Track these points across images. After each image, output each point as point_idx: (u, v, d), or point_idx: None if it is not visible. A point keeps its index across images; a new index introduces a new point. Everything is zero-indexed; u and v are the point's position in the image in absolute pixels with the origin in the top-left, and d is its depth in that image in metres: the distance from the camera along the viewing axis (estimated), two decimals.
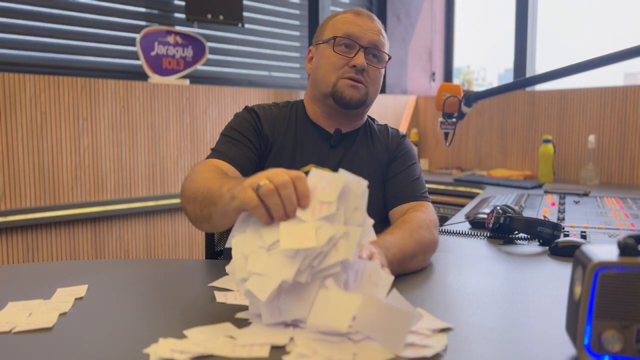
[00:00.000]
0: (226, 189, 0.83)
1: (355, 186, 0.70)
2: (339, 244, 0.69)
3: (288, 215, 0.71)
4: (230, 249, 0.75)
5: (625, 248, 0.60)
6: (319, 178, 0.72)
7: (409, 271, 1.01)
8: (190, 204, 0.97)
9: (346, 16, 1.22)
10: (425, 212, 1.14)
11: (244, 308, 0.79)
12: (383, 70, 1.24)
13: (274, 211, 0.71)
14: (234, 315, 0.75)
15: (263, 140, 1.20)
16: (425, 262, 1.06)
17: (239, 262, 0.71)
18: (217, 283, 0.92)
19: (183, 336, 0.68)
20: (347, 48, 1.19)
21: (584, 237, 1.30)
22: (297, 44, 3.06)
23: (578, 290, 0.62)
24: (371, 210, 0.82)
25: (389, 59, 1.24)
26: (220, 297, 0.84)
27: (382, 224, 1.25)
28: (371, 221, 0.72)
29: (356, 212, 0.70)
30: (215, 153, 1.16)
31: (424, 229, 1.06)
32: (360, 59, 1.18)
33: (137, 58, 2.39)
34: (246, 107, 1.25)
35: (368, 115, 1.34)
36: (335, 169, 1.18)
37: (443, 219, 1.92)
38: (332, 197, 0.70)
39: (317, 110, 1.26)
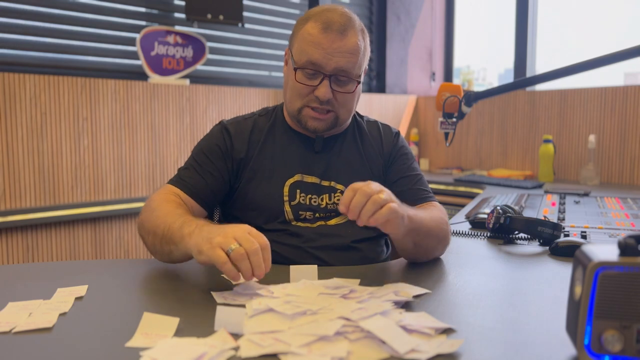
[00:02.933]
0: (187, 233, 0.89)
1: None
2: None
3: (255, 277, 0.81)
4: None
5: (625, 248, 0.60)
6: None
7: (421, 251, 1.03)
8: (150, 237, 1.00)
9: (313, 32, 1.09)
10: (439, 209, 1.15)
11: (241, 307, 0.78)
12: (357, 89, 1.15)
13: (245, 275, 0.81)
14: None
15: (235, 162, 1.17)
16: (437, 247, 1.07)
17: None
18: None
19: (183, 336, 0.68)
20: (311, 75, 1.10)
21: (584, 237, 1.30)
22: None
23: (578, 290, 0.62)
24: None
25: (359, 83, 1.14)
26: (219, 297, 0.84)
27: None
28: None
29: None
30: (177, 180, 1.15)
31: (440, 218, 1.09)
32: (322, 91, 1.09)
33: (137, 58, 2.39)
34: (221, 123, 1.22)
35: (356, 112, 1.29)
36: (322, 175, 1.18)
37: None
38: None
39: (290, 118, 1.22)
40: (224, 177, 1.17)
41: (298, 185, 1.17)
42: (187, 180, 1.14)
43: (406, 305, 0.81)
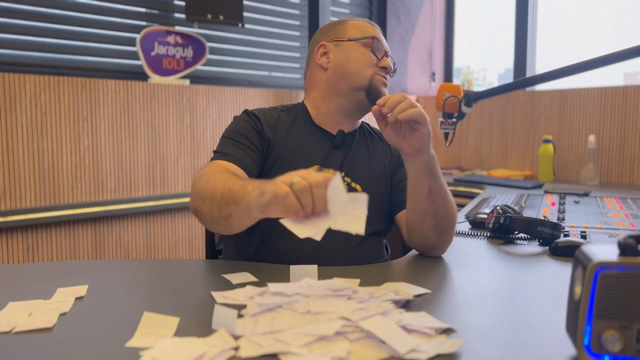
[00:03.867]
0: (251, 188, 0.86)
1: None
2: None
3: (315, 214, 0.79)
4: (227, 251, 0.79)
5: (625, 248, 0.60)
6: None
7: (430, 213, 1.08)
8: (206, 204, 0.96)
9: (362, 24, 1.28)
10: None
11: (242, 307, 0.79)
12: None
13: (305, 208, 0.78)
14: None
15: (265, 143, 1.19)
16: (447, 227, 1.10)
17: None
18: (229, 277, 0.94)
19: (183, 335, 0.68)
20: (376, 50, 1.25)
21: (584, 237, 1.30)
22: (297, 44, 3.06)
23: (578, 290, 0.62)
24: (372, 209, 0.83)
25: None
26: (219, 297, 0.84)
27: (382, 223, 1.25)
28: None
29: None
30: (222, 155, 1.13)
31: (454, 204, 1.14)
32: (389, 63, 1.26)
33: (137, 58, 2.39)
34: (246, 111, 1.24)
35: None
36: (338, 169, 1.19)
37: None
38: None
39: (324, 110, 1.26)
40: (260, 153, 1.18)
41: None
42: (231, 153, 1.13)
43: (406, 305, 0.81)
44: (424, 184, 1.06)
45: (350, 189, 1.20)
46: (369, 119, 1.35)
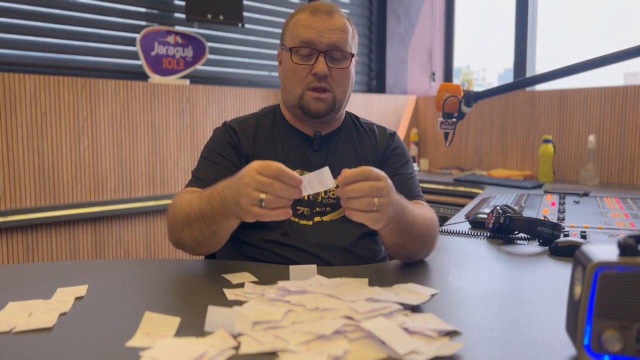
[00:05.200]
0: (218, 202, 0.92)
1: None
2: None
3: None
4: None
5: (625, 248, 0.60)
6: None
7: (406, 249, 1.02)
8: (187, 230, 0.99)
9: (302, 18, 1.17)
10: (430, 210, 1.15)
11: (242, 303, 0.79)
12: (351, 68, 1.20)
13: (286, 208, 0.85)
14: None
15: (243, 158, 1.19)
16: (423, 249, 1.06)
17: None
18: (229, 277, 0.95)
19: (183, 335, 0.68)
20: (307, 56, 1.15)
21: (584, 237, 1.30)
22: None
23: (578, 290, 0.62)
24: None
25: (352, 56, 1.19)
26: (230, 295, 0.85)
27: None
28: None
29: None
30: (195, 181, 1.15)
31: (431, 218, 1.09)
32: (320, 66, 1.14)
33: (137, 58, 2.39)
34: (224, 124, 1.24)
35: (350, 113, 1.32)
36: None
37: (443, 219, 1.92)
38: None
39: (291, 116, 1.25)
40: (238, 169, 1.17)
41: None
42: (202, 177, 1.15)
43: (412, 306, 0.80)
44: (389, 239, 1.00)
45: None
46: (362, 112, 1.35)
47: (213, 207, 0.93)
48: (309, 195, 1.17)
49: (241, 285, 0.90)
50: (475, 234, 1.37)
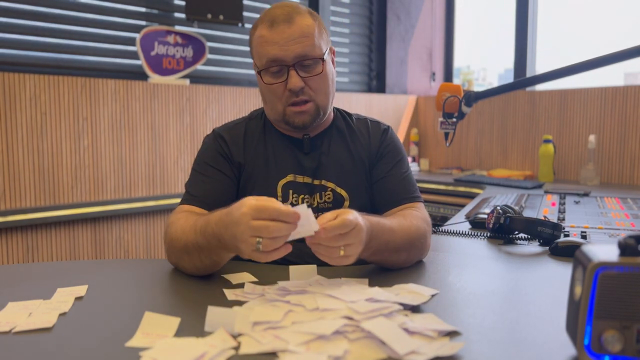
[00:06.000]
0: (214, 238, 0.89)
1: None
2: None
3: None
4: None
5: (625, 248, 0.60)
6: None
7: (388, 264, 1.01)
8: (185, 258, 0.97)
9: (263, 34, 1.12)
10: (420, 212, 1.12)
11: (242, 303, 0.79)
12: (326, 68, 1.14)
13: (281, 248, 0.83)
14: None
15: (235, 166, 1.18)
16: (407, 261, 1.04)
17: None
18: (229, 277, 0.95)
19: (183, 336, 0.68)
20: (277, 72, 1.12)
21: (584, 237, 1.30)
22: None
23: (578, 290, 0.62)
24: (359, 210, 0.84)
25: (323, 60, 1.13)
26: (230, 295, 0.85)
27: None
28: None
29: None
30: (189, 197, 1.13)
31: (416, 228, 1.05)
32: (292, 81, 1.10)
33: (137, 58, 2.39)
34: (213, 132, 1.23)
35: (341, 110, 1.29)
36: (313, 174, 1.19)
37: (443, 219, 1.93)
38: None
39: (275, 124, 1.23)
40: (232, 179, 1.17)
41: (290, 185, 1.17)
42: (195, 194, 1.13)
43: (413, 306, 0.80)
44: (368, 260, 0.99)
45: (335, 195, 1.17)
46: (362, 112, 1.34)
47: (210, 242, 0.90)
48: (304, 200, 1.17)
49: (241, 285, 0.90)
50: (476, 234, 1.37)
